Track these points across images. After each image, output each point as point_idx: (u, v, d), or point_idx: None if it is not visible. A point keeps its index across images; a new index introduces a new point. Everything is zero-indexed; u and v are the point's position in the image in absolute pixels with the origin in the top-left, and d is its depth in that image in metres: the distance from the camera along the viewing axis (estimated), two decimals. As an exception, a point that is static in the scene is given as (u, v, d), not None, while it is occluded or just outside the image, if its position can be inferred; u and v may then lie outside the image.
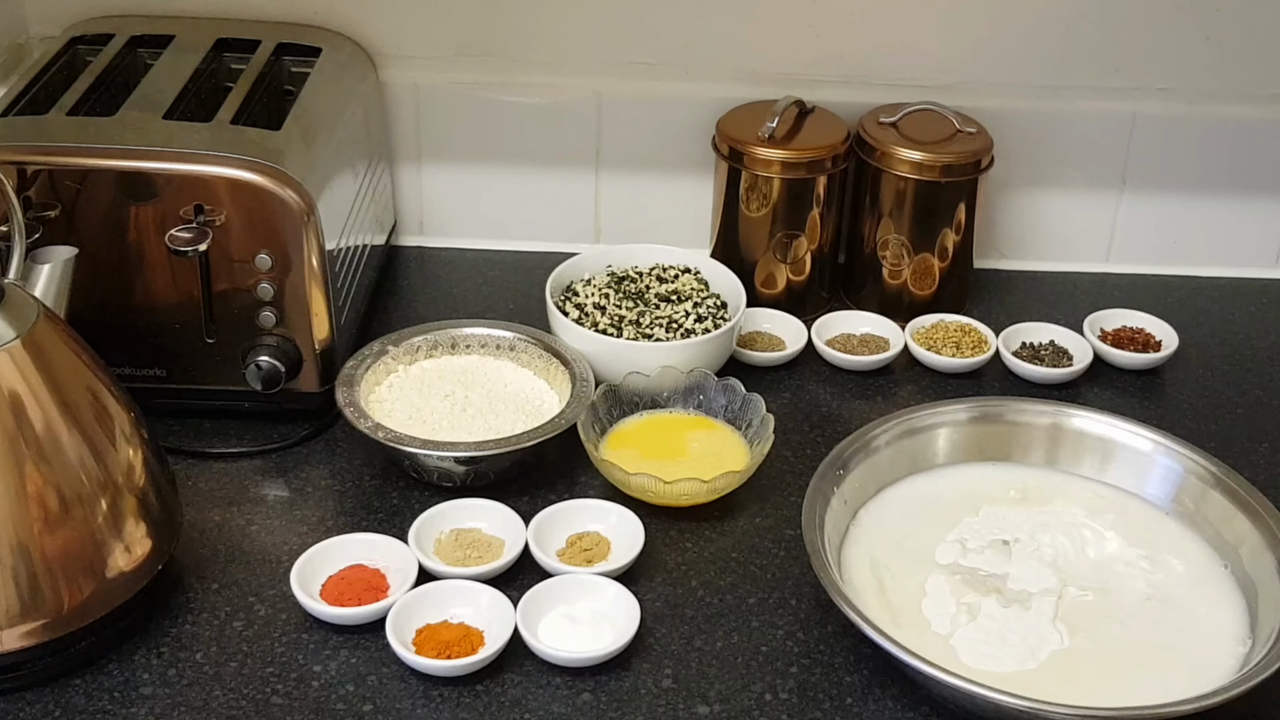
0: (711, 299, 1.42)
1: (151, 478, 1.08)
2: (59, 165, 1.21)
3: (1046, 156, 1.57)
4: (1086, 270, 1.62)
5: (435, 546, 1.17)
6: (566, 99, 1.54)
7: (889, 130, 1.47)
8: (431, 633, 1.08)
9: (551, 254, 1.53)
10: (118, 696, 1.04)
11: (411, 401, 1.30)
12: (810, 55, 1.52)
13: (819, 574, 1.07)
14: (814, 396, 1.40)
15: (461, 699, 1.05)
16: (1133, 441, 1.23)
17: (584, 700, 1.05)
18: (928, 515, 1.20)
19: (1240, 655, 1.07)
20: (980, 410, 1.26)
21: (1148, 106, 1.54)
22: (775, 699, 1.06)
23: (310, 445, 1.30)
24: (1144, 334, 1.48)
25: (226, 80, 1.41)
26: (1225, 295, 1.59)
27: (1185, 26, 1.50)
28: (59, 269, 1.13)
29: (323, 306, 1.27)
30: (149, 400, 1.15)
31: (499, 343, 1.36)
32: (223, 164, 1.21)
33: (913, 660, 1.00)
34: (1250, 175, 1.58)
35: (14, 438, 0.99)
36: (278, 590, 1.13)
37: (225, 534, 1.19)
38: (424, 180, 1.60)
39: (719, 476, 1.20)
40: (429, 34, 1.52)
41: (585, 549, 1.17)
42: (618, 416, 1.30)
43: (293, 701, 1.05)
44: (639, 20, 1.51)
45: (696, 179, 1.55)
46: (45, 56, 1.40)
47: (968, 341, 1.44)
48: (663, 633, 1.12)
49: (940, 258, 1.48)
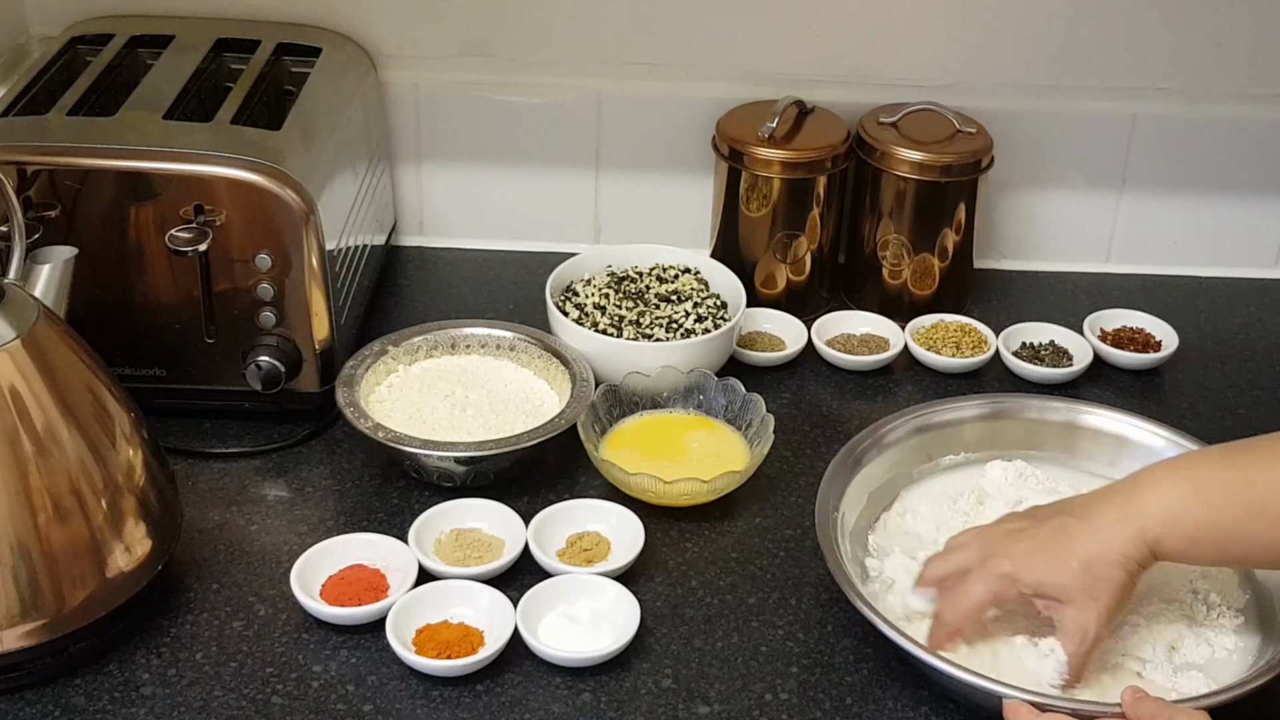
0: (711, 299, 1.42)
1: (151, 478, 1.08)
2: (59, 165, 1.21)
3: (1046, 156, 1.57)
4: (1086, 270, 1.62)
5: (435, 546, 1.17)
6: (566, 99, 1.54)
7: (889, 130, 1.47)
8: (431, 633, 1.08)
9: (551, 254, 1.53)
10: (118, 696, 1.04)
11: (411, 401, 1.30)
12: (810, 55, 1.52)
13: (834, 572, 1.07)
14: (814, 396, 1.40)
15: (461, 699, 1.05)
16: (1146, 439, 1.23)
17: (584, 700, 1.05)
18: (939, 511, 1.20)
19: (1248, 653, 1.07)
20: (993, 407, 1.26)
21: (1148, 106, 1.54)
22: (775, 699, 1.06)
23: (310, 445, 1.30)
24: (1144, 334, 1.48)
25: (226, 80, 1.41)
26: (1225, 295, 1.59)
27: (1185, 26, 1.50)
28: (59, 269, 1.13)
29: (323, 306, 1.27)
30: (149, 400, 1.15)
31: (499, 343, 1.36)
32: (223, 164, 1.21)
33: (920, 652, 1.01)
34: (1250, 175, 1.58)
35: (14, 438, 0.99)
36: (278, 590, 1.13)
37: (225, 534, 1.19)
38: (424, 180, 1.60)
39: (719, 476, 1.21)
40: (429, 34, 1.52)
41: (585, 549, 1.17)
42: (618, 416, 1.30)
43: (293, 701, 1.05)
44: (639, 20, 1.51)
45: (696, 179, 1.55)
46: (45, 56, 1.40)
47: (968, 341, 1.45)
48: (663, 633, 1.12)
49: (940, 258, 1.49)
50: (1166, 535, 0.99)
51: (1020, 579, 1.02)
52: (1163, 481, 1.01)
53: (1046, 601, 1.03)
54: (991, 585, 1.03)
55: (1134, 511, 1.00)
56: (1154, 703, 0.95)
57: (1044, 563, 1.02)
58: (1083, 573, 1.00)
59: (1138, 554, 0.99)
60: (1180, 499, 1.00)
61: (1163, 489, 1.01)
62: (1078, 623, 1.01)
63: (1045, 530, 1.03)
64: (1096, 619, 1.00)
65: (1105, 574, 1.00)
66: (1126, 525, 1.00)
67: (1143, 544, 0.99)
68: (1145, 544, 0.99)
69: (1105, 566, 1.00)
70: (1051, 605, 1.03)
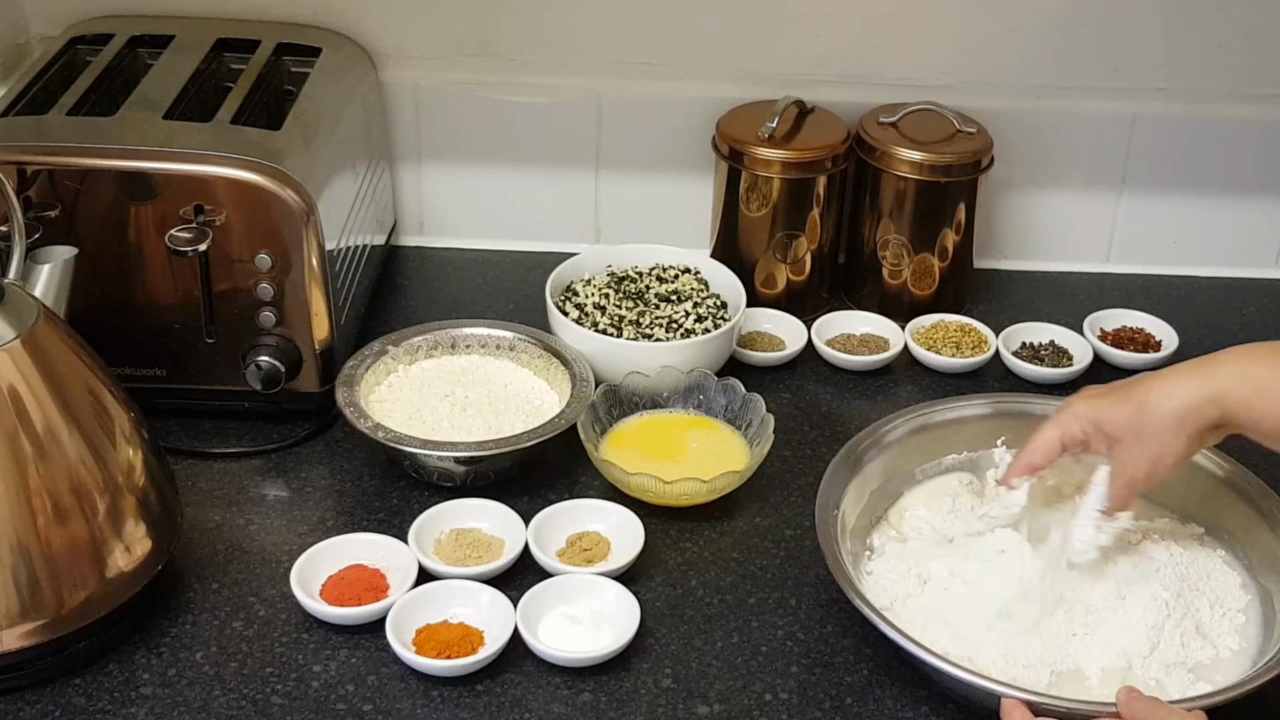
0: (711, 299, 1.42)
1: (151, 478, 1.08)
2: (59, 165, 1.21)
3: (1046, 156, 1.57)
4: (1086, 270, 1.62)
5: (435, 546, 1.17)
6: (566, 99, 1.54)
7: (889, 130, 1.47)
8: (431, 633, 1.08)
9: (551, 254, 1.53)
10: (118, 696, 1.04)
11: (411, 401, 1.30)
12: (810, 55, 1.52)
13: (834, 572, 1.07)
14: (814, 396, 1.40)
15: (461, 699, 1.05)
16: None
17: (584, 700, 1.05)
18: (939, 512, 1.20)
19: (1248, 653, 1.07)
20: (993, 407, 1.26)
21: (1148, 106, 1.54)
22: (775, 699, 1.06)
23: (310, 445, 1.30)
24: (1144, 334, 1.48)
25: (226, 80, 1.41)
26: (1225, 295, 1.59)
27: (1185, 26, 1.50)
28: (59, 269, 1.13)
29: (323, 306, 1.27)
30: (149, 400, 1.15)
31: (499, 343, 1.36)
32: (223, 164, 1.21)
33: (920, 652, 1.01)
34: (1250, 175, 1.58)
35: (14, 437, 0.99)
36: (278, 590, 1.13)
37: (225, 534, 1.19)
38: (424, 180, 1.60)
39: (719, 476, 1.21)
40: (429, 34, 1.52)
41: (585, 549, 1.17)
42: (618, 416, 1.30)
43: (293, 701, 1.05)
44: (639, 20, 1.51)
45: (696, 179, 1.55)
46: (45, 56, 1.40)
47: (968, 341, 1.45)
48: (663, 633, 1.12)
49: (940, 258, 1.49)
50: (1234, 390, 1.01)
51: (1085, 415, 1.07)
52: (1239, 352, 1.04)
53: (1104, 440, 1.06)
54: (1061, 422, 1.08)
55: (1208, 368, 1.04)
56: (1148, 702, 0.95)
57: (1108, 403, 1.06)
58: (1138, 411, 1.04)
59: (1200, 406, 1.02)
60: (1255, 365, 1.02)
61: (1238, 355, 1.04)
62: (1120, 459, 1.05)
63: (1124, 382, 1.08)
64: (1137, 458, 1.04)
65: (1157, 416, 1.03)
66: (1196, 377, 1.03)
67: (1209, 398, 1.02)
68: (1211, 398, 1.02)
69: (1159, 410, 1.03)
70: (1110, 446, 1.06)
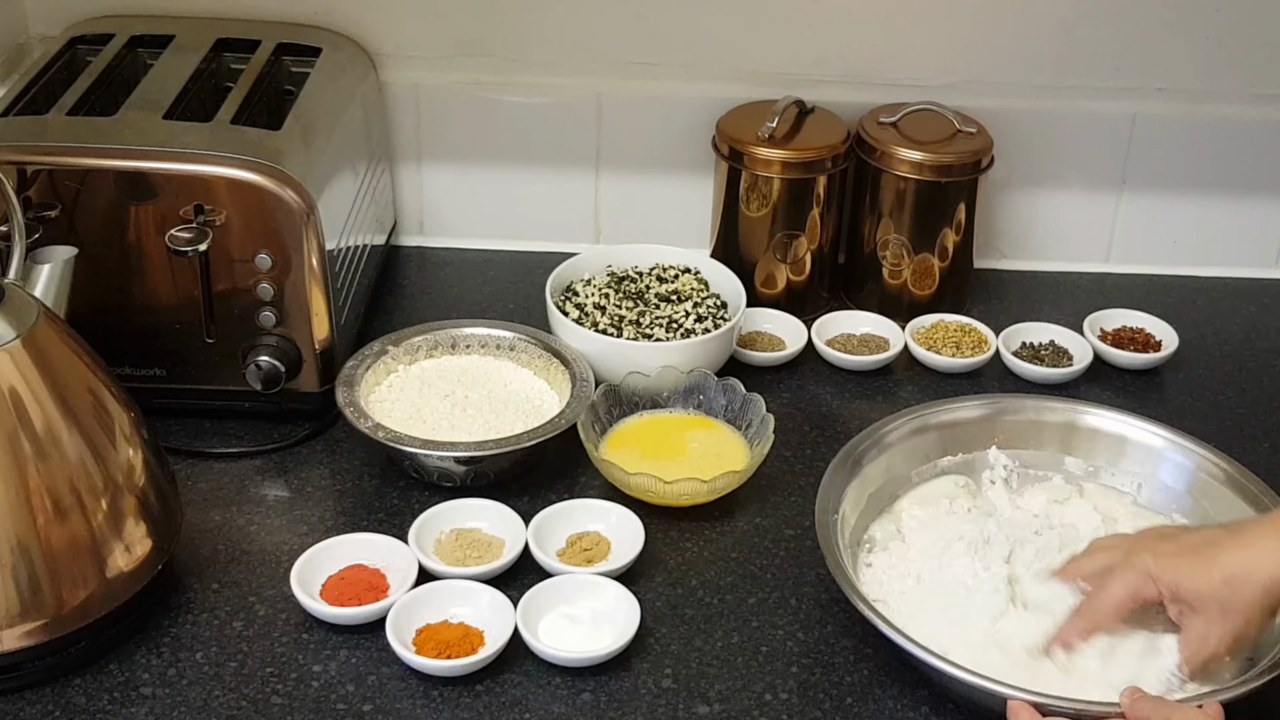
0: (711, 299, 1.42)
1: (151, 478, 1.08)
2: (59, 165, 1.21)
3: (1046, 156, 1.57)
4: (1086, 270, 1.62)
5: (435, 546, 1.17)
6: (566, 99, 1.54)
7: (889, 130, 1.47)
8: (431, 633, 1.08)
9: (551, 254, 1.53)
10: (118, 696, 1.04)
11: (411, 401, 1.30)
12: (810, 55, 1.52)
13: (834, 572, 1.07)
14: (814, 396, 1.40)
15: (461, 699, 1.05)
16: (1146, 439, 1.23)
17: (584, 700, 1.05)
18: (938, 510, 1.20)
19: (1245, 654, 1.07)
20: (993, 407, 1.26)
21: (1148, 106, 1.54)
22: (775, 699, 1.06)
23: (310, 445, 1.30)
24: (1144, 334, 1.48)
25: (226, 80, 1.41)
26: (1225, 295, 1.59)
27: (1185, 26, 1.50)
28: (59, 269, 1.13)
29: (323, 306, 1.27)
30: (149, 400, 1.15)
31: (499, 343, 1.36)
32: (223, 164, 1.21)
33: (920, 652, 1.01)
34: (1250, 175, 1.58)
35: (14, 437, 0.99)
36: (278, 590, 1.13)
37: (225, 534, 1.19)
38: (424, 180, 1.60)
39: (719, 476, 1.21)
40: (429, 34, 1.52)
41: (585, 549, 1.17)
42: (618, 416, 1.30)
43: (293, 701, 1.05)
44: (639, 20, 1.51)
45: (696, 179, 1.55)
46: (45, 56, 1.40)
47: (968, 341, 1.45)
48: (663, 633, 1.12)
49: (940, 258, 1.49)
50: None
51: (1160, 578, 1.00)
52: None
53: (1180, 606, 1.00)
54: (1132, 581, 1.01)
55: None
56: (1152, 702, 0.95)
57: (1187, 565, 0.99)
58: (1223, 585, 0.98)
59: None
60: None
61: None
62: (1200, 633, 0.99)
63: (1196, 538, 1.02)
64: (1220, 636, 0.99)
65: (1245, 592, 0.97)
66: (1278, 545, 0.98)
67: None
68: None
69: (1248, 585, 0.97)
70: (1184, 611, 1.00)
